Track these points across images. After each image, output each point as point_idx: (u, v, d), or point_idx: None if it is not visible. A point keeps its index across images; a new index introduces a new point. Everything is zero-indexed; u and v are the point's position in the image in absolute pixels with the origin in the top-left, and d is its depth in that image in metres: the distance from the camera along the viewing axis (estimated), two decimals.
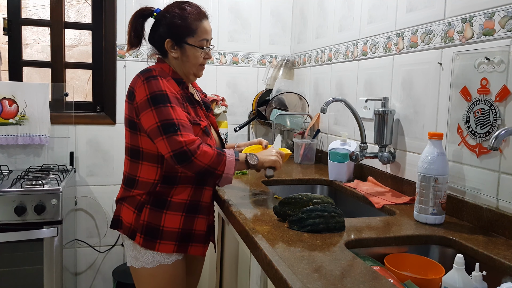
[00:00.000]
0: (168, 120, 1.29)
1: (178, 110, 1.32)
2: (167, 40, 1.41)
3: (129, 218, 1.40)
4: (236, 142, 2.72)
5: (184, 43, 1.41)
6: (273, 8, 2.77)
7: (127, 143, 1.43)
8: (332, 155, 1.85)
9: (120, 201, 1.45)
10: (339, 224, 1.18)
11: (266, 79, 2.74)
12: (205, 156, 1.30)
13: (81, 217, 2.54)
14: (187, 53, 1.42)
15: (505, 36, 1.18)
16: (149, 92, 1.32)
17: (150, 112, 1.31)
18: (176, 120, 1.29)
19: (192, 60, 1.43)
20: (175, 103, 1.33)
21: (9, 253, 1.98)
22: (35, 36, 3.21)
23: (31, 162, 2.41)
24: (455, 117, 1.36)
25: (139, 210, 1.38)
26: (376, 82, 1.82)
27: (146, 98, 1.32)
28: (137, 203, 1.39)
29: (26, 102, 2.32)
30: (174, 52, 1.43)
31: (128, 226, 1.39)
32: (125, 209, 1.41)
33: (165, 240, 1.37)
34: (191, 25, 1.40)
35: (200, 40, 1.42)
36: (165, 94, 1.32)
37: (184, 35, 1.40)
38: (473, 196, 1.29)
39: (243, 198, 1.50)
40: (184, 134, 1.29)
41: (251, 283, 1.29)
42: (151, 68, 1.39)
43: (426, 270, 1.10)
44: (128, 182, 1.43)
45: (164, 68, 1.43)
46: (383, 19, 1.76)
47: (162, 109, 1.30)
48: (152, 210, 1.37)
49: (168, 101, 1.31)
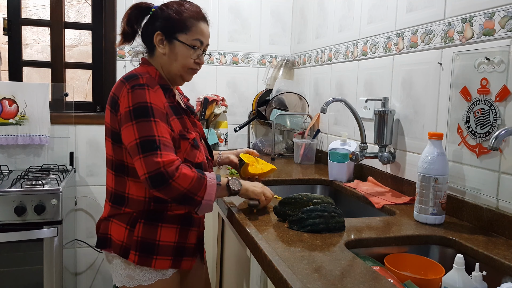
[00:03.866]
0: (148, 137, 1.16)
1: (162, 127, 1.19)
2: (157, 33, 1.29)
3: (120, 235, 1.26)
4: (236, 141, 2.74)
5: (174, 38, 1.28)
6: (273, 8, 2.77)
7: (110, 155, 1.29)
8: (332, 155, 1.85)
9: (107, 219, 1.30)
10: (339, 224, 1.18)
11: (266, 79, 2.74)
12: (184, 179, 1.15)
13: (81, 217, 2.54)
14: (176, 50, 1.29)
15: (505, 36, 1.18)
16: (132, 104, 1.18)
17: (131, 127, 1.17)
18: (157, 138, 1.16)
19: (180, 59, 1.30)
20: (160, 118, 1.19)
21: (9, 253, 1.98)
22: (35, 36, 3.21)
23: (31, 162, 2.41)
24: (455, 117, 1.36)
25: (131, 226, 1.25)
26: (376, 82, 1.82)
27: (128, 110, 1.18)
28: (129, 218, 1.26)
29: (26, 102, 2.32)
30: (162, 48, 1.30)
31: (120, 244, 1.25)
32: (115, 226, 1.27)
33: (161, 255, 1.26)
34: (185, 21, 1.28)
35: (193, 40, 1.29)
36: (150, 107, 1.18)
37: (176, 30, 1.28)
38: (473, 196, 1.29)
39: (239, 198, 1.49)
40: (164, 154, 1.15)
41: (251, 283, 1.28)
42: (138, 74, 1.24)
43: (426, 270, 1.10)
44: (116, 200, 1.29)
45: (151, 72, 1.29)
46: (383, 19, 1.76)
47: (144, 124, 1.17)
48: (146, 224, 1.25)
49: (152, 115, 1.18)
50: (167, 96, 1.28)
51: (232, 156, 1.64)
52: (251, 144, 2.74)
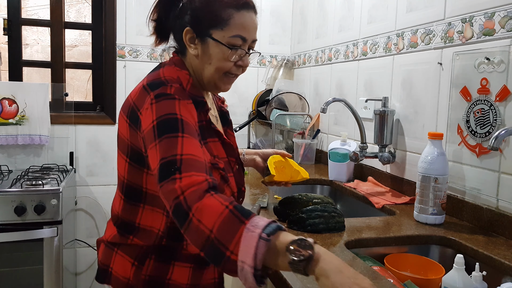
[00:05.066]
0: (169, 157, 0.85)
1: (190, 143, 0.87)
2: (186, 29, 1.01)
3: (125, 271, 1.02)
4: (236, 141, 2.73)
5: (207, 36, 0.99)
6: (273, 8, 2.77)
7: (122, 176, 1.03)
8: (332, 155, 1.85)
9: (110, 245, 1.06)
10: (339, 224, 1.18)
11: (266, 79, 2.74)
12: (206, 213, 0.76)
13: (81, 217, 2.54)
14: (209, 50, 1.00)
15: (505, 36, 1.18)
16: (157, 117, 0.90)
17: (154, 148, 0.88)
18: (179, 157, 0.84)
19: (215, 62, 1.00)
20: (190, 133, 0.89)
21: (9, 253, 1.98)
22: (35, 36, 3.21)
23: (31, 162, 2.41)
24: (455, 117, 1.36)
25: (140, 262, 1.01)
26: (376, 82, 1.82)
27: (152, 126, 0.90)
28: (138, 252, 1.02)
29: (26, 102, 2.32)
30: (194, 48, 1.02)
31: (125, 282, 1.02)
32: (120, 259, 1.04)
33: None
34: (219, 13, 0.98)
35: (232, 36, 0.99)
36: (178, 119, 0.90)
37: (209, 25, 0.99)
38: (473, 196, 1.29)
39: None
40: (185, 176, 0.81)
41: None
42: (166, 81, 0.97)
43: (426, 270, 1.10)
44: (123, 226, 1.05)
45: (182, 78, 1.01)
46: (383, 19, 1.76)
47: (168, 141, 0.87)
48: (158, 261, 1.01)
49: (180, 129, 0.88)
50: (199, 111, 1.01)
51: (258, 158, 1.39)
52: (251, 144, 2.73)
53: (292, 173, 1.37)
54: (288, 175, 1.36)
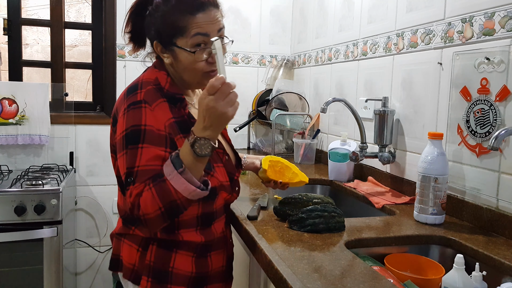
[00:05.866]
0: (129, 169, 1.01)
1: (147, 152, 1.01)
2: (155, 43, 1.11)
3: (131, 257, 1.12)
4: (236, 141, 2.73)
5: (173, 45, 1.07)
6: (273, 8, 2.77)
7: (116, 172, 1.14)
8: (332, 155, 1.84)
9: (118, 236, 1.18)
10: (339, 224, 1.18)
11: (266, 79, 2.74)
12: (146, 205, 0.96)
13: (81, 217, 2.54)
14: (179, 57, 1.08)
15: (505, 36, 1.18)
16: (125, 128, 1.03)
17: (122, 158, 1.03)
18: (135, 168, 0.99)
19: (187, 66, 1.08)
20: (151, 142, 1.02)
21: (9, 253, 1.98)
22: (35, 36, 3.21)
23: (31, 162, 2.41)
24: (455, 117, 1.36)
25: (143, 248, 1.11)
26: (376, 82, 1.82)
27: (122, 136, 1.04)
28: (141, 239, 1.12)
29: (26, 102, 2.32)
30: (167, 57, 1.11)
31: (131, 268, 1.11)
32: (126, 247, 1.14)
33: (176, 284, 1.09)
34: (177, 23, 1.04)
35: (192, 38, 1.04)
36: (142, 130, 1.02)
37: (171, 36, 1.06)
38: (473, 196, 1.29)
39: (243, 198, 1.50)
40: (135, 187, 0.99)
41: (251, 283, 1.28)
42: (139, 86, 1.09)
43: (426, 270, 1.10)
44: (126, 219, 1.16)
45: (160, 78, 1.12)
46: (383, 19, 1.76)
47: (131, 153, 1.01)
48: (160, 248, 1.10)
49: (141, 140, 1.01)
50: (176, 108, 1.10)
51: (257, 162, 1.46)
52: (251, 144, 2.74)
53: (291, 175, 1.42)
54: (286, 176, 1.41)
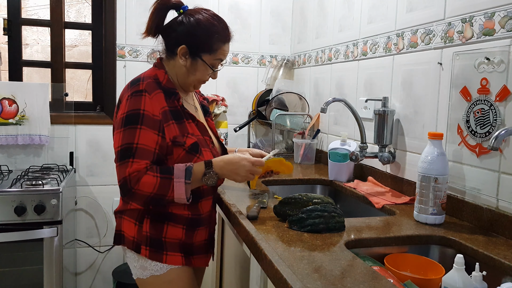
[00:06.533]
0: (128, 144, 1.22)
1: (145, 133, 1.23)
2: (182, 46, 1.31)
3: (131, 231, 1.33)
4: (236, 141, 2.74)
5: (198, 57, 1.33)
6: (273, 8, 2.77)
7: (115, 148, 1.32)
8: (332, 155, 1.85)
9: (119, 214, 1.38)
10: (339, 224, 1.18)
11: (266, 79, 2.74)
12: (146, 186, 1.20)
13: (81, 217, 2.54)
14: (197, 67, 1.34)
15: (505, 36, 1.18)
16: (127, 111, 1.25)
17: (119, 134, 1.24)
18: (135, 145, 1.22)
19: (198, 75, 1.36)
20: (148, 125, 1.24)
21: (9, 253, 1.98)
22: (35, 36, 3.21)
23: (31, 162, 2.41)
24: (455, 117, 1.36)
25: (140, 221, 1.31)
26: (376, 82, 1.82)
27: (122, 117, 1.25)
28: (137, 214, 1.32)
29: (26, 102, 2.32)
30: (184, 60, 1.33)
31: (132, 240, 1.32)
32: (126, 222, 1.34)
33: (171, 251, 1.31)
34: (213, 44, 1.32)
35: (215, 60, 1.35)
36: (141, 114, 1.24)
37: (202, 50, 1.32)
38: (473, 196, 1.29)
39: (243, 198, 1.50)
40: (135, 162, 1.21)
41: (251, 283, 1.28)
42: (141, 79, 1.30)
43: (426, 270, 1.10)
44: None
45: (159, 75, 1.33)
46: (383, 19, 1.76)
47: (130, 131, 1.23)
48: (153, 221, 1.31)
49: (140, 122, 1.23)
50: (171, 100, 1.32)
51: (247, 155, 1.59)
52: (251, 144, 2.74)
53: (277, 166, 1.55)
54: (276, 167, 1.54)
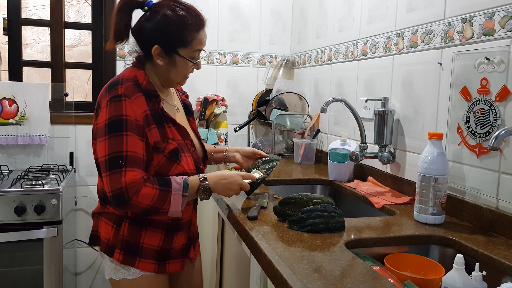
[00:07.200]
0: (116, 153, 1.15)
1: (132, 140, 1.16)
2: (155, 47, 1.23)
3: (107, 233, 1.27)
4: (236, 141, 2.74)
5: (175, 53, 1.24)
6: (273, 8, 2.77)
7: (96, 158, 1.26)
8: (332, 155, 1.85)
9: (96, 215, 1.33)
10: (339, 224, 1.18)
11: (266, 79, 2.74)
12: (145, 198, 1.15)
13: (81, 217, 2.54)
14: (176, 63, 1.26)
15: (505, 36, 1.18)
16: (109, 117, 1.17)
17: (103, 142, 1.17)
18: (124, 153, 1.15)
19: (180, 71, 1.28)
20: (133, 131, 1.17)
21: (9, 253, 1.98)
22: (35, 36, 3.21)
23: (31, 162, 2.41)
24: (455, 117, 1.36)
25: (117, 225, 1.26)
26: (376, 82, 1.82)
27: (104, 124, 1.17)
28: (115, 217, 1.27)
29: (26, 102, 2.32)
30: (161, 60, 1.25)
31: (106, 242, 1.27)
32: (103, 224, 1.29)
33: (145, 258, 1.26)
34: (186, 37, 1.23)
35: (193, 52, 1.26)
36: (124, 120, 1.16)
37: (176, 45, 1.24)
38: (473, 196, 1.29)
39: (243, 198, 1.50)
40: (129, 171, 1.15)
41: (251, 283, 1.28)
42: (120, 82, 1.21)
43: (426, 270, 1.10)
44: (102, 198, 1.30)
45: (139, 76, 1.25)
46: (383, 19, 1.76)
47: (116, 139, 1.16)
48: (131, 224, 1.26)
49: (125, 128, 1.16)
50: (151, 103, 1.24)
51: (238, 155, 1.60)
52: (251, 144, 2.74)
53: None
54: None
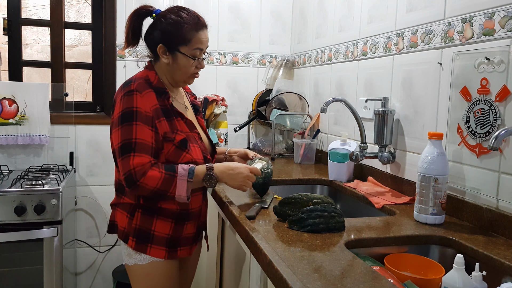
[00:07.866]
0: (127, 140, 1.30)
1: (141, 129, 1.31)
2: (159, 45, 1.40)
3: (123, 222, 1.42)
4: (236, 141, 2.74)
5: (177, 51, 1.39)
6: (273, 8, 2.77)
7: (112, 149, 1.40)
8: (332, 155, 1.85)
9: (113, 206, 1.48)
10: (339, 224, 1.18)
11: (266, 79, 2.74)
12: (151, 180, 1.28)
13: (81, 217, 2.54)
14: (178, 61, 1.41)
15: (505, 36, 1.18)
16: (122, 110, 1.33)
17: (117, 131, 1.32)
18: (134, 140, 1.30)
19: (182, 68, 1.42)
20: (142, 121, 1.31)
21: (9, 253, 1.98)
22: (35, 36, 3.21)
23: (31, 162, 2.41)
24: (455, 117, 1.36)
25: (131, 214, 1.40)
26: (376, 82, 1.82)
27: (118, 116, 1.33)
28: (129, 207, 1.41)
29: (26, 102, 2.32)
30: (166, 58, 1.41)
31: (122, 230, 1.42)
32: (119, 214, 1.44)
33: (156, 244, 1.39)
34: (185, 34, 1.38)
35: (193, 49, 1.40)
36: (134, 111, 1.31)
37: (177, 43, 1.39)
38: (473, 196, 1.29)
39: (243, 198, 1.50)
40: (137, 155, 1.28)
41: (251, 283, 1.28)
42: (133, 80, 1.37)
43: (426, 270, 1.10)
44: (118, 189, 1.44)
45: (150, 76, 1.41)
46: (383, 19, 1.76)
47: (127, 128, 1.31)
48: (144, 214, 1.39)
49: (135, 118, 1.31)
50: (161, 99, 1.39)
51: (235, 157, 1.68)
52: (251, 144, 2.74)
53: None
54: None
